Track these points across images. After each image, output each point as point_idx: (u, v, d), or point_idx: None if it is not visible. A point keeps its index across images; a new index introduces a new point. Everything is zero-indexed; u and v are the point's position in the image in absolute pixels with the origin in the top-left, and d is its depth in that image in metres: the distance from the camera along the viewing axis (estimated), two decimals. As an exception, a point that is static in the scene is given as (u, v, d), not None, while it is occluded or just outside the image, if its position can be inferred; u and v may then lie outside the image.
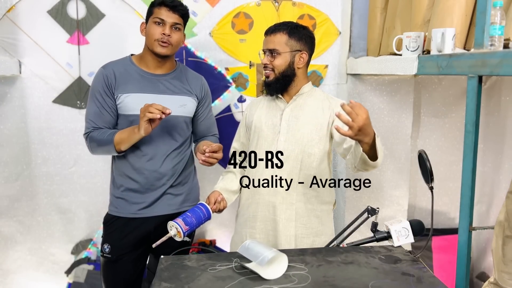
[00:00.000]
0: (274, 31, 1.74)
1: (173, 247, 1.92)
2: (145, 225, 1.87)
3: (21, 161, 2.43)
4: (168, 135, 1.85)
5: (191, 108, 1.91)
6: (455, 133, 2.76)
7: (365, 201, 2.66)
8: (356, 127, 1.32)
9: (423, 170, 1.57)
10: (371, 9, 2.54)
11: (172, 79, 1.88)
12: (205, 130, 2.01)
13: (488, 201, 2.81)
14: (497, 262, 1.56)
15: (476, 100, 1.52)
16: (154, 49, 1.79)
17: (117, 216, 1.88)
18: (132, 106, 1.79)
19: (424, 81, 2.72)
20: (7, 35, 2.32)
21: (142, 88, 1.82)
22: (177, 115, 1.84)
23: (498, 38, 1.51)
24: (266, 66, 1.76)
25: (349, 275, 1.30)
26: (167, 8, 1.77)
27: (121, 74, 1.82)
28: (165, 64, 1.86)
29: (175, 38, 1.80)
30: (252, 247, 1.37)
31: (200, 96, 1.94)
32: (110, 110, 1.80)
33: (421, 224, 1.54)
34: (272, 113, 1.81)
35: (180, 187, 1.92)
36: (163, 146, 1.85)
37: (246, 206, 1.83)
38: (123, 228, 1.87)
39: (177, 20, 1.79)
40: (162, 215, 1.88)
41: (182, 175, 1.91)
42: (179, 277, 1.29)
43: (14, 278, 2.51)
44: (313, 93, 1.82)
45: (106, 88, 1.79)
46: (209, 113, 2.01)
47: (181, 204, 1.92)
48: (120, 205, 1.87)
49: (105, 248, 1.88)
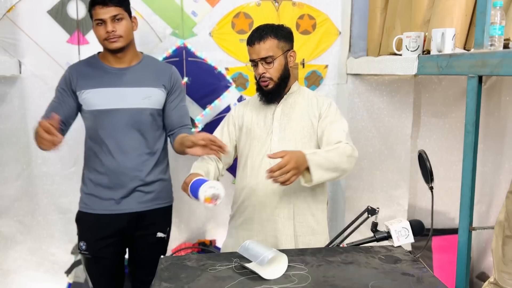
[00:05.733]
0: (261, 37, 1.67)
1: (150, 244, 1.94)
2: (117, 222, 1.87)
3: (21, 161, 2.43)
4: (134, 129, 1.85)
5: (158, 99, 1.89)
6: (455, 133, 2.76)
7: (365, 201, 2.65)
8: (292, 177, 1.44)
9: (423, 170, 1.57)
10: (371, 9, 2.54)
11: (137, 71, 1.87)
12: (177, 121, 1.94)
13: (488, 201, 2.81)
14: (497, 262, 1.56)
15: (476, 100, 1.52)
16: (107, 47, 1.81)
17: (87, 212, 1.88)
18: (93, 102, 1.82)
19: (424, 81, 2.72)
20: (7, 35, 2.32)
21: (103, 83, 1.83)
22: (141, 107, 1.84)
23: (498, 38, 1.51)
24: (262, 77, 1.70)
25: (349, 275, 1.30)
26: (100, 6, 1.76)
27: (83, 72, 1.85)
28: (125, 57, 1.86)
29: (122, 29, 1.78)
30: (252, 247, 1.37)
31: (169, 86, 1.92)
32: (65, 106, 1.85)
33: (421, 224, 1.54)
34: (262, 114, 1.79)
35: (151, 184, 1.90)
36: (129, 141, 1.84)
37: (241, 208, 1.79)
38: (95, 225, 1.87)
39: (114, 12, 1.76)
40: (133, 212, 1.87)
41: (153, 172, 1.90)
42: (179, 277, 1.29)
43: (14, 278, 2.51)
44: (301, 92, 1.82)
45: (65, 86, 1.85)
46: (180, 103, 1.96)
47: (152, 201, 1.91)
48: (90, 201, 1.88)
49: (82, 246, 1.89)
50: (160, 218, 1.96)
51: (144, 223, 1.92)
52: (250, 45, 1.70)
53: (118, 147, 1.83)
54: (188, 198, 1.51)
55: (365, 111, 2.62)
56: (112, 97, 1.82)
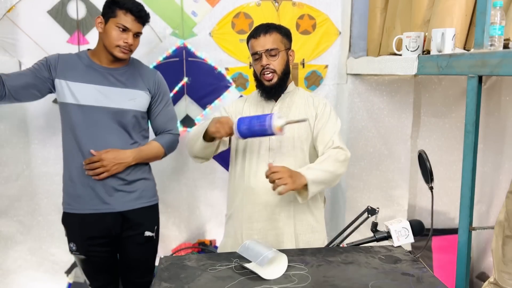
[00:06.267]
0: (267, 31, 1.72)
1: (139, 244, 1.94)
2: (101, 222, 1.87)
3: (21, 161, 2.43)
4: (116, 128, 1.85)
5: (142, 102, 1.90)
6: (455, 133, 2.76)
7: (365, 201, 2.66)
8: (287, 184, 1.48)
9: (423, 170, 1.57)
10: (371, 9, 2.54)
11: (124, 73, 1.88)
12: (160, 126, 1.99)
13: (488, 201, 2.81)
14: (497, 262, 1.56)
15: (476, 100, 1.52)
16: (113, 52, 1.80)
17: (71, 213, 1.89)
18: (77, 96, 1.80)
19: (424, 81, 2.72)
20: (7, 35, 2.32)
21: (89, 79, 1.82)
22: (126, 108, 1.85)
23: (498, 38, 1.51)
24: (267, 69, 1.71)
25: (349, 275, 1.30)
26: (133, 17, 1.77)
27: (66, 62, 1.84)
28: (118, 62, 1.87)
29: (135, 45, 1.84)
30: (252, 247, 1.37)
31: (153, 90, 1.93)
32: (31, 74, 1.80)
33: (421, 224, 1.54)
34: (260, 112, 1.80)
35: (134, 183, 1.91)
36: (111, 140, 1.84)
37: (240, 207, 1.79)
38: (81, 225, 1.88)
39: (140, 30, 1.82)
40: (116, 212, 1.88)
41: (135, 171, 1.90)
42: (179, 277, 1.29)
43: (14, 278, 2.51)
44: (298, 92, 1.84)
45: (45, 64, 1.83)
46: (164, 109, 1.98)
47: (135, 200, 1.91)
48: (73, 201, 1.88)
49: (72, 247, 1.90)
50: (146, 217, 1.96)
51: (130, 223, 1.92)
52: (254, 37, 1.73)
53: (100, 144, 1.82)
54: (188, 198, 1.51)
55: (365, 111, 2.62)
56: (97, 94, 1.81)
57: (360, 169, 2.66)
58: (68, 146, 1.88)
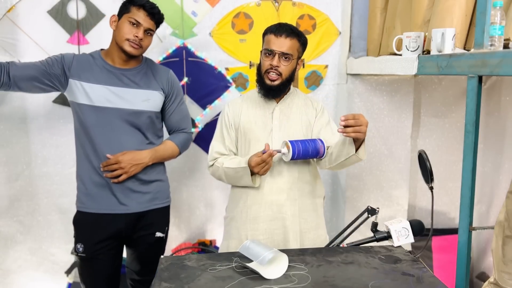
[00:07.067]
0: (289, 34, 1.70)
1: (149, 244, 1.94)
2: (115, 222, 1.86)
3: (21, 161, 2.43)
4: (130, 129, 1.85)
5: (156, 102, 1.90)
6: (455, 133, 2.76)
7: (365, 201, 2.66)
8: (362, 134, 1.52)
9: (423, 170, 1.57)
10: (371, 9, 2.54)
11: (137, 74, 1.88)
12: (175, 124, 2.00)
13: (488, 201, 2.81)
14: (497, 262, 1.56)
15: (476, 100, 1.52)
16: (123, 47, 1.80)
17: (85, 212, 1.88)
18: (91, 97, 1.80)
19: (424, 81, 2.72)
20: (7, 35, 2.32)
21: (104, 80, 1.82)
22: (140, 109, 1.85)
23: (498, 38, 1.51)
24: (275, 69, 1.70)
25: (349, 275, 1.30)
26: (146, 13, 1.79)
27: (81, 62, 1.84)
28: (131, 61, 1.87)
29: (146, 43, 1.84)
30: (252, 247, 1.37)
31: (166, 90, 1.94)
32: (40, 68, 1.80)
33: (421, 224, 1.54)
34: (261, 113, 1.80)
35: (149, 185, 1.91)
36: (127, 141, 1.84)
37: (245, 208, 1.79)
38: (93, 225, 1.87)
39: (151, 26, 1.82)
40: (131, 213, 1.87)
41: (151, 171, 1.90)
42: (179, 277, 1.29)
43: (14, 278, 2.51)
44: (296, 93, 1.88)
45: (59, 61, 1.82)
46: (178, 107, 1.99)
47: (150, 202, 1.92)
48: (88, 201, 1.87)
49: (79, 248, 1.88)
50: (159, 218, 1.96)
51: (143, 224, 1.92)
52: (275, 34, 1.71)
53: (115, 146, 1.82)
54: (188, 198, 1.52)
55: (365, 111, 2.62)
56: (111, 96, 1.81)
57: (360, 169, 2.66)
58: (82, 146, 1.87)
